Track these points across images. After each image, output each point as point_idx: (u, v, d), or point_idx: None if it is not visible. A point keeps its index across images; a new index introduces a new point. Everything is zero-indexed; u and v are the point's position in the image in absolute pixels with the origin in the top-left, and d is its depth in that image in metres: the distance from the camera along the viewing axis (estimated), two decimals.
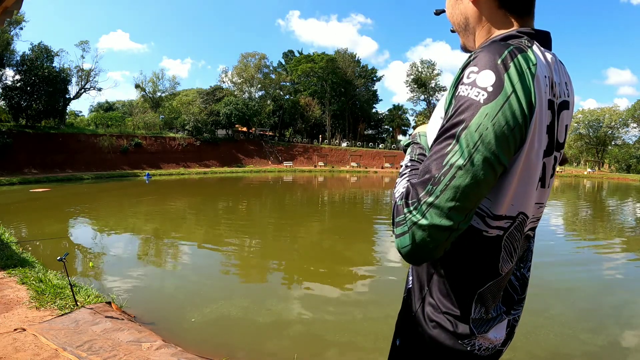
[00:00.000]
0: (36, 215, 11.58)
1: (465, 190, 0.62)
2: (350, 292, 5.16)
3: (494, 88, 0.63)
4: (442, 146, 0.65)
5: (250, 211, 14.02)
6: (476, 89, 0.64)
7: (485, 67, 0.65)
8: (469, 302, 0.76)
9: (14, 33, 33.05)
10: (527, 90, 0.64)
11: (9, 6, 4.07)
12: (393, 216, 0.69)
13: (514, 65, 0.65)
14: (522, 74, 0.65)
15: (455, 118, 0.65)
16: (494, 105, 0.63)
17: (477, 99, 0.64)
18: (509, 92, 0.63)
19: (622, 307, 4.65)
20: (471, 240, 0.73)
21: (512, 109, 0.63)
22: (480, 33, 0.81)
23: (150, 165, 37.47)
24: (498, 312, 0.80)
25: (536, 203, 0.76)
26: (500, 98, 0.63)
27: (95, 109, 57.42)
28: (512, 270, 0.82)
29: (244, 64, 52.44)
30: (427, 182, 0.64)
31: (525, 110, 0.64)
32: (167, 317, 3.99)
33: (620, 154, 46.74)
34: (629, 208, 16.30)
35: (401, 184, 0.76)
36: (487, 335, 0.78)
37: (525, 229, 0.77)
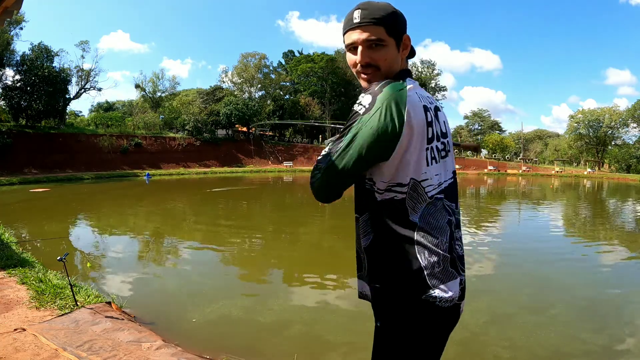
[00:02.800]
0: (36, 215, 11.58)
1: (344, 165, 1.05)
2: (351, 292, 5.15)
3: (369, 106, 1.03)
4: (339, 137, 1.09)
5: (250, 211, 14.01)
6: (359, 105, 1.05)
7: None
8: (414, 252, 1.05)
9: (14, 33, 33.09)
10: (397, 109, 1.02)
11: (9, 6, 4.06)
12: (311, 173, 1.15)
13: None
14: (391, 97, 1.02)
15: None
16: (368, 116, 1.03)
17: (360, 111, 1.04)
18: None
19: (623, 307, 4.64)
20: (390, 206, 1.07)
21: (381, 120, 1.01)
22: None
23: (150, 165, 37.47)
24: (446, 266, 1.06)
25: (435, 175, 1.08)
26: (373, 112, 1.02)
27: (95, 109, 57.41)
28: (442, 232, 1.08)
29: (244, 64, 52.43)
30: (328, 155, 1.09)
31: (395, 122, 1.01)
32: (167, 317, 3.98)
33: (620, 154, 46.74)
34: (629, 208, 16.31)
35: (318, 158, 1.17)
36: (444, 288, 1.04)
37: (426, 190, 1.06)
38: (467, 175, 42.83)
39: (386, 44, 1.08)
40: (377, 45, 1.08)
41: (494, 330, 3.85)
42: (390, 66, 1.10)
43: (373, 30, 1.07)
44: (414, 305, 1.05)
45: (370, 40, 1.08)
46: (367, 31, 1.07)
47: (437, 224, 1.07)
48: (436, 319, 1.06)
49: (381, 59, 1.09)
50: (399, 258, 1.06)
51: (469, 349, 3.40)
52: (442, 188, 1.10)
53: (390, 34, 1.08)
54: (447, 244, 1.08)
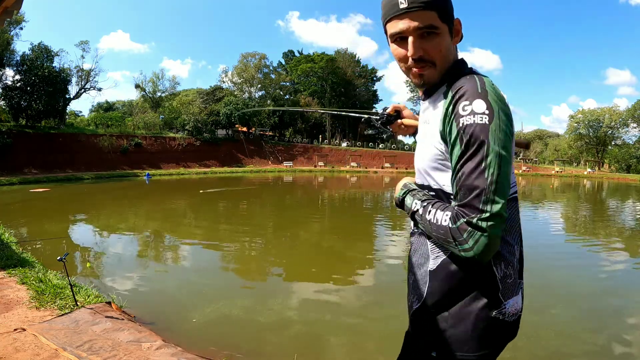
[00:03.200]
0: (36, 215, 11.57)
1: (505, 188, 0.82)
2: (351, 292, 5.15)
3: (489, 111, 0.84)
4: (472, 167, 0.82)
5: (251, 211, 14.01)
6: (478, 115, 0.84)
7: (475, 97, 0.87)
8: (490, 265, 0.92)
9: (14, 33, 33.06)
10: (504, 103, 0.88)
11: (9, 6, 4.06)
12: (453, 239, 0.83)
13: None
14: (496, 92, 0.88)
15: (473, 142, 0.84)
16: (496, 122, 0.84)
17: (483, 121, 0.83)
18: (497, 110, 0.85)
19: (623, 307, 4.65)
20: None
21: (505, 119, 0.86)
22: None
23: (150, 165, 37.46)
24: (516, 277, 0.96)
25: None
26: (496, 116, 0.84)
27: (95, 109, 57.42)
28: (518, 237, 0.99)
29: (244, 64, 52.45)
30: (480, 195, 0.80)
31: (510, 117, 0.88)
32: (167, 317, 3.98)
33: (620, 154, 46.72)
34: (629, 208, 16.30)
35: (438, 214, 0.89)
36: (513, 301, 0.94)
37: (512, 192, 0.95)
38: None
39: (440, 31, 0.93)
40: (429, 33, 0.92)
41: None
42: (446, 57, 0.96)
43: (424, 17, 0.91)
44: (483, 325, 0.91)
45: (422, 29, 0.91)
46: (418, 18, 0.91)
47: (514, 229, 0.96)
48: (500, 336, 0.94)
49: (436, 50, 0.94)
50: (474, 276, 0.92)
51: None
52: (515, 183, 0.97)
53: (443, 19, 0.93)
54: (519, 249, 0.97)
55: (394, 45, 0.97)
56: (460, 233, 0.81)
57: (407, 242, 8.21)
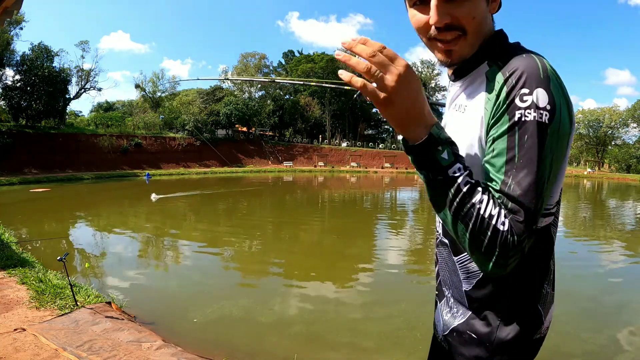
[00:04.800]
0: (36, 215, 11.57)
1: (543, 205, 0.68)
2: (352, 292, 5.15)
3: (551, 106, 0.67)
4: (525, 174, 0.66)
5: (251, 211, 14.01)
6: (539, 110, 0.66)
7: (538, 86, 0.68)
8: (541, 286, 0.81)
9: (14, 33, 33.05)
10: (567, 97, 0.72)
11: (9, 6, 4.06)
12: (502, 248, 0.63)
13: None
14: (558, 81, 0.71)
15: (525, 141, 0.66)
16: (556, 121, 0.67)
17: (542, 120, 0.66)
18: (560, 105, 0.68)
19: (623, 307, 4.65)
20: (541, 237, 0.79)
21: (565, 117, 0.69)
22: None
23: (150, 165, 37.45)
24: (552, 290, 0.86)
25: None
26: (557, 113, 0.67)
27: (95, 109, 57.44)
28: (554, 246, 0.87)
29: (243, 64, 52.50)
30: (529, 214, 0.65)
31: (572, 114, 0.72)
32: (167, 317, 3.98)
33: (620, 154, 46.71)
34: (629, 208, 16.30)
35: (490, 206, 0.65)
36: (549, 316, 0.85)
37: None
38: None
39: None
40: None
41: None
42: (480, 28, 0.74)
43: None
44: (527, 349, 0.82)
45: None
46: None
47: (554, 238, 0.84)
48: (535, 353, 0.85)
49: (467, 17, 0.72)
50: (518, 296, 0.79)
51: None
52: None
53: None
54: (554, 263, 0.86)
55: (412, 11, 0.76)
56: (510, 247, 0.63)
57: (407, 242, 8.22)
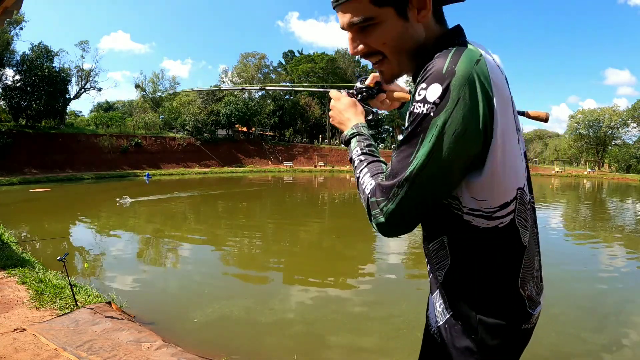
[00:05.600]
0: (36, 215, 11.57)
1: (428, 193, 0.74)
2: (352, 292, 5.15)
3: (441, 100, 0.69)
4: (404, 155, 0.73)
5: (251, 211, 14.01)
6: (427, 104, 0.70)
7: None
8: (516, 285, 0.81)
9: (14, 33, 33.06)
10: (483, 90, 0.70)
11: (9, 6, 4.07)
12: (368, 209, 0.79)
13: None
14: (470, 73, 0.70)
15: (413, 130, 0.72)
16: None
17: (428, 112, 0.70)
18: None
19: (623, 306, 4.65)
20: (492, 237, 0.78)
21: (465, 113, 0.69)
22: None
23: (150, 165, 37.46)
24: (539, 284, 0.87)
25: (523, 173, 0.81)
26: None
27: (95, 109, 57.46)
28: (535, 245, 0.86)
29: (243, 64, 52.47)
30: (393, 186, 0.73)
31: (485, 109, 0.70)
32: (168, 317, 3.98)
33: (620, 154, 46.72)
34: (629, 208, 16.30)
35: (366, 178, 0.83)
36: (537, 308, 0.86)
37: (527, 199, 0.81)
38: None
39: (378, 20, 0.76)
40: (368, 26, 0.77)
41: None
42: (398, 48, 0.79)
43: (354, 8, 0.76)
44: (511, 338, 0.83)
45: (355, 24, 0.77)
46: (348, 11, 0.77)
47: (534, 235, 0.84)
48: (526, 341, 0.89)
49: (378, 43, 0.78)
50: (495, 294, 0.81)
51: None
52: (528, 182, 0.84)
53: (379, 4, 0.75)
54: (539, 254, 0.86)
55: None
56: (372, 208, 0.77)
57: (408, 242, 8.22)
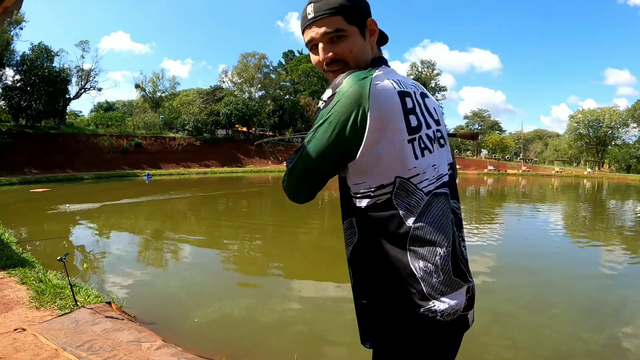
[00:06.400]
0: (36, 215, 11.57)
1: (306, 163, 0.97)
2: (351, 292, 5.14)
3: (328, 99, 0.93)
4: (307, 137, 0.96)
5: (251, 211, 14.01)
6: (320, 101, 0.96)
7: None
8: (406, 262, 0.92)
9: (14, 33, 33.11)
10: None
11: (9, 6, 4.06)
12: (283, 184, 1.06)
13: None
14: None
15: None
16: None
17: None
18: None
19: (623, 306, 4.64)
20: (374, 211, 0.94)
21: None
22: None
23: (150, 165, 37.48)
24: (447, 276, 0.93)
25: (432, 165, 0.96)
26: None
27: (95, 109, 57.46)
28: (444, 235, 0.93)
29: (243, 64, 52.44)
30: (295, 153, 1.00)
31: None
32: (168, 317, 3.98)
33: (620, 154, 46.73)
34: (629, 208, 16.30)
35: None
36: (447, 300, 0.91)
37: (421, 187, 0.93)
38: (466, 175, 42.87)
39: (348, 33, 0.98)
40: (338, 37, 0.98)
41: (495, 330, 3.84)
42: (358, 57, 1.00)
43: (330, 22, 0.97)
44: (410, 322, 0.91)
45: (329, 33, 0.98)
46: (324, 24, 0.98)
47: (438, 226, 0.93)
48: (438, 335, 0.92)
49: (346, 52, 0.99)
50: (388, 270, 0.93)
51: (471, 349, 3.39)
52: (443, 181, 0.98)
53: (350, 22, 0.98)
54: (449, 248, 0.93)
55: (311, 54, 1.06)
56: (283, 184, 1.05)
57: None
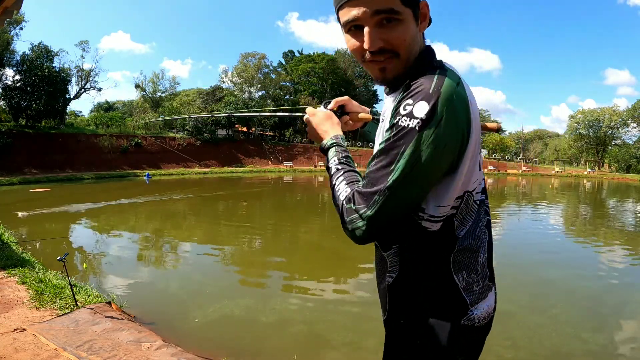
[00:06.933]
0: (36, 215, 11.55)
1: (403, 201, 0.78)
2: (353, 292, 5.15)
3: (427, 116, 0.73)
4: (384, 164, 0.77)
5: (251, 211, 14.01)
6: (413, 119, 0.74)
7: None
8: (450, 275, 0.85)
9: (14, 33, 33.06)
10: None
11: (9, 6, 4.06)
12: (342, 215, 0.83)
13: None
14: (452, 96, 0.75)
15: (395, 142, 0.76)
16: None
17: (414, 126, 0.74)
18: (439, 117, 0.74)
19: (623, 306, 4.64)
20: (439, 232, 0.84)
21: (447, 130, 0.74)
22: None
23: (150, 165, 37.43)
24: (484, 282, 0.89)
25: (480, 173, 0.88)
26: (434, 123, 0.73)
27: (95, 109, 57.47)
28: (481, 241, 0.89)
29: (243, 64, 52.46)
30: (374, 194, 0.77)
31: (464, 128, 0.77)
32: (168, 317, 3.98)
33: (620, 154, 46.72)
34: (629, 208, 16.30)
35: (342, 186, 0.87)
36: (482, 305, 0.88)
37: (475, 198, 0.86)
38: None
39: (402, 17, 0.78)
40: (390, 20, 0.78)
41: (495, 330, 3.82)
42: (410, 49, 0.82)
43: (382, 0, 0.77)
44: (453, 335, 0.86)
45: (380, 13, 0.77)
46: (375, 1, 0.77)
47: (479, 233, 0.88)
48: (476, 341, 0.91)
49: (399, 40, 0.79)
50: (432, 285, 0.86)
51: None
52: (482, 187, 0.90)
53: (405, 3, 0.78)
54: (486, 254, 0.90)
55: (347, 36, 0.84)
56: (347, 214, 0.81)
57: None
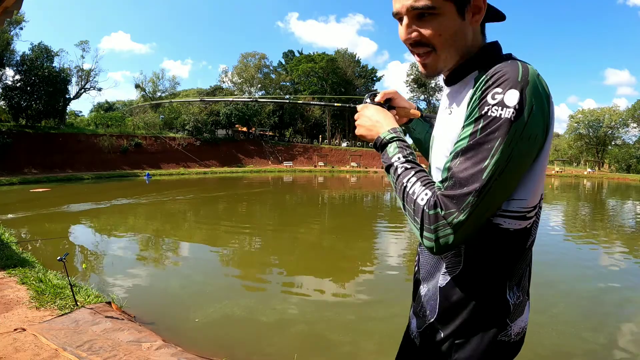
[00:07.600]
0: (36, 215, 11.56)
1: (496, 200, 0.74)
2: (353, 292, 5.15)
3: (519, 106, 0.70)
4: (475, 161, 0.72)
5: (251, 211, 14.00)
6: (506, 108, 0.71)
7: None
8: (504, 284, 0.83)
9: (14, 33, 33.06)
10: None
11: (9, 6, 4.06)
12: (423, 222, 0.75)
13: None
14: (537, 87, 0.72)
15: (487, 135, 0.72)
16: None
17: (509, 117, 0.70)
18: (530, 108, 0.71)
19: (623, 306, 4.64)
20: (513, 240, 0.82)
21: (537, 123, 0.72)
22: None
23: (150, 165, 37.44)
24: (525, 295, 0.88)
25: None
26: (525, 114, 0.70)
27: (95, 109, 57.45)
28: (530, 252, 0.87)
29: (243, 63, 52.48)
30: (466, 196, 0.71)
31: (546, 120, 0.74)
32: (168, 317, 3.98)
33: (620, 154, 46.70)
34: (629, 208, 16.30)
35: (417, 188, 0.78)
36: (519, 320, 0.87)
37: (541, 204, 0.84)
38: None
39: (440, 11, 0.77)
40: (424, 15, 0.78)
41: None
42: (449, 44, 0.80)
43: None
44: (489, 350, 0.83)
45: (416, 9, 0.77)
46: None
47: (530, 246, 0.87)
48: (506, 357, 0.87)
49: (433, 35, 0.79)
50: (486, 300, 0.84)
51: None
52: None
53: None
54: (528, 267, 0.89)
55: (399, 25, 0.84)
56: (430, 221, 0.74)
57: (408, 242, 8.22)
